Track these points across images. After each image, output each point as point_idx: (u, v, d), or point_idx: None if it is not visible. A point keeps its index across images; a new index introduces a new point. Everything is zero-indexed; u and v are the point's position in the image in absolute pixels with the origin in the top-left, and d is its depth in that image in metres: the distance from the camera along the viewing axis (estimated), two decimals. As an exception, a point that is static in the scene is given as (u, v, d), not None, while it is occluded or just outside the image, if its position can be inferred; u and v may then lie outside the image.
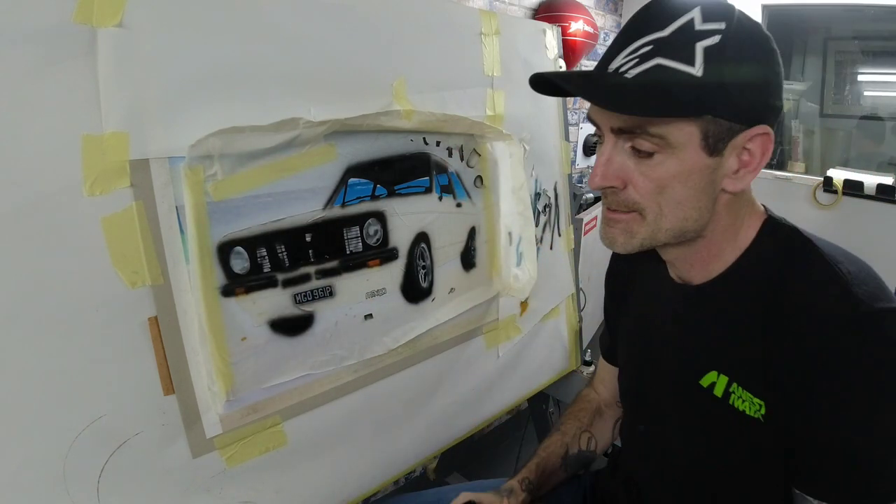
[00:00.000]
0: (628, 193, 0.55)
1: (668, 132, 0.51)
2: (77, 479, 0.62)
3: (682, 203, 0.55)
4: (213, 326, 0.71)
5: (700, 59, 0.50)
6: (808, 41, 2.73)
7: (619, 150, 0.55)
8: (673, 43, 0.50)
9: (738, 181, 0.55)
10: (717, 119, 0.51)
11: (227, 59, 0.70)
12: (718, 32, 0.50)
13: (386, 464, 0.96)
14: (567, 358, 1.36)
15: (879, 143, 2.62)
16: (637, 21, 0.54)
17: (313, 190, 0.81)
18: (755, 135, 0.53)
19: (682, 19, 0.51)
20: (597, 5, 2.28)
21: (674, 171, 0.53)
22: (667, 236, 0.57)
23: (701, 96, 0.50)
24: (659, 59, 0.51)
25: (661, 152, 0.53)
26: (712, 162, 0.53)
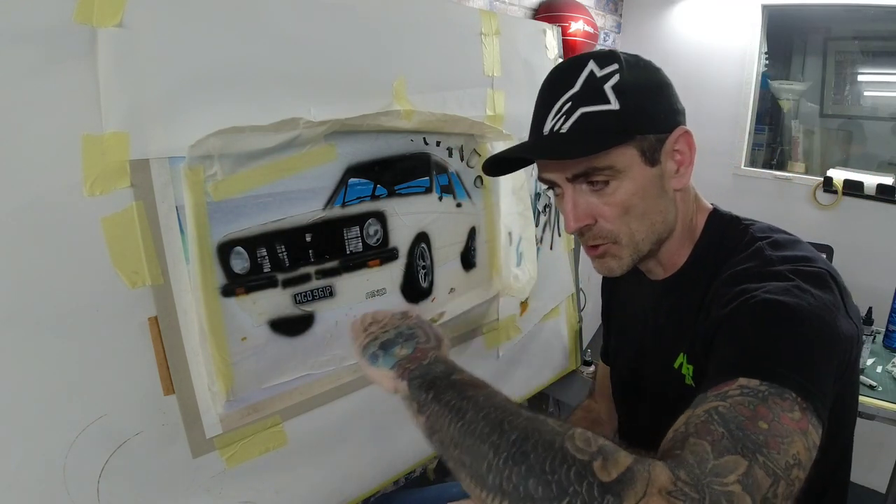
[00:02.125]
0: (600, 226, 0.63)
1: (614, 161, 0.59)
2: (77, 479, 0.62)
3: (646, 214, 0.63)
4: (213, 326, 0.71)
5: (612, 96, 0.59)
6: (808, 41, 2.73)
7: (579, 193, 0.62)
8: (586, 92, 0.60)
9: (682, 178, 0.64)
10: (645, 136, 0.60)
11: (228, 59, 0.70)
12: (616, 72, 0.60)
13: (386, 464, 0.96)
14: (567, 358, 1.36)
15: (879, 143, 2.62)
16: (549, 88, 0.63)
17: (313, 190, 0.81)
18: (678, 136, 0.62)
19: (584, 73, 0.60)
20: (597, 5, 2.28)
21: (631, 191, 0.61)
22: (648, 245, 0.65)
23: (626, 123, 0.59)
24: (582, 109, 0.60)
25: (614, 179, 0.60)
26: (656, 171, 0.62)
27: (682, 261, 0.69)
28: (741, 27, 2.12)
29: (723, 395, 0.46)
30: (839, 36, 2.69)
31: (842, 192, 1.95)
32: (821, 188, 2.01)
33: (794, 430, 0.43)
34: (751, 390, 0.46)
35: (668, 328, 0.70)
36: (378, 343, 0.60)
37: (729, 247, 0.64)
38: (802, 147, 2.59)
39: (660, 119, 0.62)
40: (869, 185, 1.93)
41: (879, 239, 1.83)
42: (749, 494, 0.39)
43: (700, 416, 0.45)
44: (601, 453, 0.40)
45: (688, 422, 0.46)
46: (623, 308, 0.84)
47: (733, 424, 0.43)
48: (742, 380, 0.47)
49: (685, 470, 0.39)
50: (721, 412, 0.44)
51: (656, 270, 0.71)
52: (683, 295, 0.67)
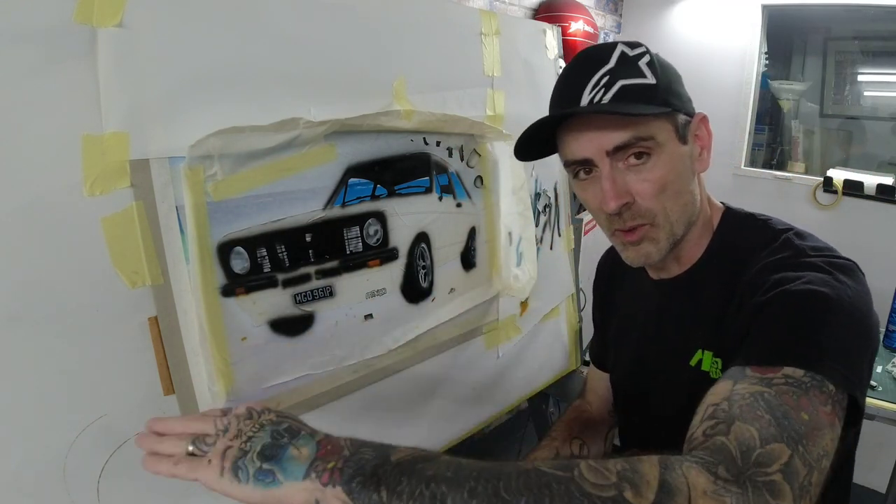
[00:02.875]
0: (638, 205, 0.62)
1: (656, 132, 0.60)
2: (77, 479, 0.62)
3: (680, 192, 0.63)
4: (213, 326, 0.71)
5: (648, 71, 0.60)
6: (808, 41, 2.73)
7: (615, 171, 0.61)
8: (622, 67, 0.60)
9: (704, 161, 0.65)
10: (677, 113, 0.61)
11: (228, 59, 0.70)
12: (646, 52, 0.61)
13: (386, 464, 0.96)
14: (567, 358, 1.36)
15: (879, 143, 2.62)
16: (581, 67, 0.62)
17: (313, 190, 0.81)
18: (699, 120, 0.64)
19: (616, 52, 0.61)
20: (597, 5, 2.28)
21: (669, 167, 0.61)
22: (681, 227, 0.64)
23: (663, 97, 0.60)
24: (621, 82, 0.59)
25: (654, 154, 0.60)
26: (686, 149, 0.63)
27: (696, 256, 0.69)
28: (741, 27, 2.12)
29: (768, 381, 0.47)
30: (839, 36, 2.69)
31: (842, 192, 1.95)
32: (821, 188, 2.01)
33: (827, 423, 0.45)
34: (795, 381, 0.47)
35: (681, 325, 0.69)
36: (257, 454, 0.43)
37: (752, 241, 0.65)
38: (802, 147, 2.60)
39: (684, 101, 0.63)
40: (869, 185, 1.93)
41: (879, 239, 1.83)
42: (788, 483, 0.40)
43: (746, 398, 0.46)
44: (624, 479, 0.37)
45: (731, 399, 0.46)
46: (620, 310, 0.84)
47: (779, 412, 0.44)
48: (788, 369, 0.48)
49: (724, 465, 0.39)
50: (767, 399, 0.45)
51: (670, 267, 0.71)
52: (700, 290, 0.67)
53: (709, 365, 0.65)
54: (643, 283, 0.76)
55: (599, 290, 0.90)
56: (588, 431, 0.91)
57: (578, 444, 0.89)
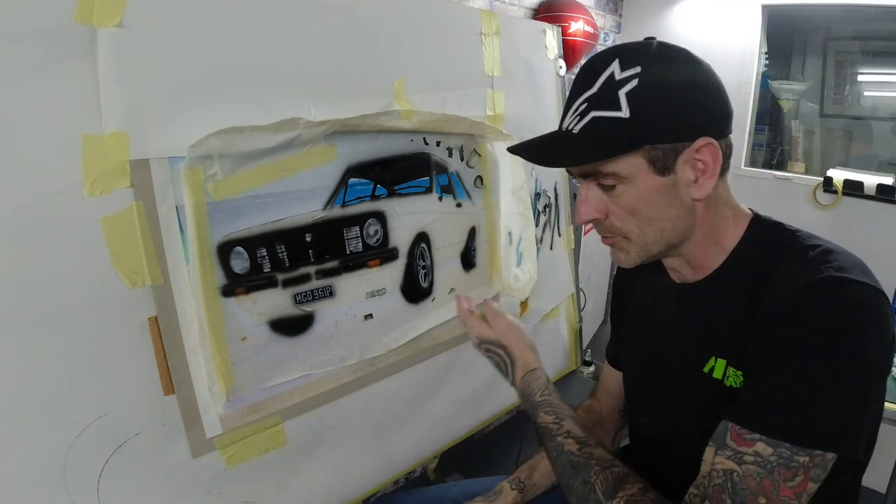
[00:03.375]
0: (610, 221, 0.64)
1: (618, 168, 0.60)
2: (77, 479, 0.62)
3: (653, 220, 0.63)
4: (213, 326, 0.71)
5: (625, 103, 0.58)
6: (808, 41, 2.73)
7: (592, 189, 0.63)
8: (601, 96, 0.60)
9: (701, 188, 0.62)
10: (655, 146, 0.59)
11: (228, 59, 0.70)
12: (635, 77, 0.58)
13: (386, 464, 0.96)
14: (567, 358, 1.36)
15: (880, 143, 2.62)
16: (576, 83, 0.63)
17: (313, 190, 0.81)
18: (700, 146, 0.60)
19: (604, 74, 0.60)
20: (597, 5, 2.27)
21: (635, 196, 0.61)
22: (657, 247, 0.65)
23: (633, 133, 0.58)
24: (594, 113, 0.60)
25: (620, 184, 0.61)
26: (667, 180, 0.61)
27: (714, 263, 0.67)
28: (741, 27, 2.12)
29: (739, 457, 0.55)
30: (839, 36, 2.69)
31: (842, 192, 1.95)
32: (821, 188, 2.01)
33: (790, 498, 0.52)
34: (763, 460, 0.53)
35: (697, 331, 0.69)
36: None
37: (776, 252, 0.63)
38: (802, 147, 2.59)
39: (677, 129, 0.60)
40: (869, 185, 1.93)
41: (879, 239, 1.83)
42: None
43: (719, 475, 0.55)
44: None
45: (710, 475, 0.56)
46: (636, 310, 0.83)
47: (738, 498, 0.53)
48: (759, 444, 0.54)
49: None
50: (734, 481, 0.54)
51: (684, 271, 0.71)
52: (719, 298, 0.67)
53: (721, 373, 0.65)
54: (665, 284, 0.75)
55: (617, 288, 0.91)
56: (597, 431, 0.91)
57: None
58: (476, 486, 0.86)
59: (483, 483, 0.87)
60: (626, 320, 0.86)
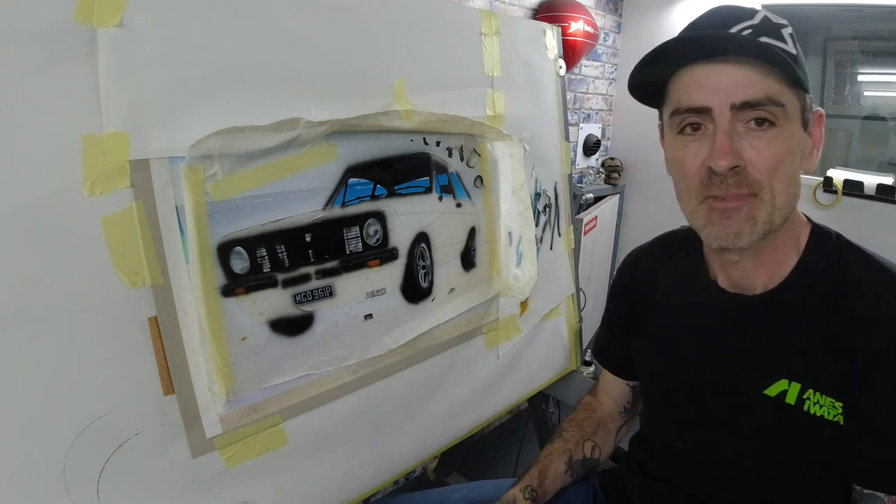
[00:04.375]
0: (748, 172, 0.55)
1: (787, 101, 0.55)
2: (77, 479, 0.62)
3: (793, 178, 0.57)
4: (213, 326, 0.71)
5: (790, 41, 0.55)
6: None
7: (734, 130, 0.55)
8: (767, 27, 0.55)
9: (812, 160, 0.59)
10: (805, 95, 0.56)
11: (228, 59, 0.70)
12: (788, 24, 0.56)
13: (386, 464, 0.96)
14: (567, 358, 1.36)
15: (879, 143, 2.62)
16: (721, 14, 0.57)
17: (313, 190, 0.81)
18: (818, 116, 0.58)
19: (760, 13, 0.56)
20: (597, 5, 2.27)
21: (789, 144, 0.55)
22: (780, 216, 0.57)
23: (801, 71, 0.55)
24: (764, 38, 0.55)
25: (778, 125, 0.55)
26: (804, 138, 0.57)
27: (782, 275, 0.62)
28: (741, 27, 2.12)
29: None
30: (839, 36, 2.69)
31: (842, 192, 1.95)
32: (821, 188, 2.01)
33: None
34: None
35: (760, 350, 0.63)
36: None
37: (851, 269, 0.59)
38: (802, 147, 2.59)
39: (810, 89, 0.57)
40: (869, 185, 1.93)
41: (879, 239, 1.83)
42: None
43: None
44: None
45: None
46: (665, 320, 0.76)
47: None
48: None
49: None
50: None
51: (748, 276, 0.64)
52: (787, 314, 0.61)
53: (795, 398, 0.60)
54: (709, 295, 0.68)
55: (625, 296, 0.84)
56: (600, 432, 0.90)
57: (591, 446, 0.88)
58: (477, 491, 0.85)
59: (484, 486, 0.87)
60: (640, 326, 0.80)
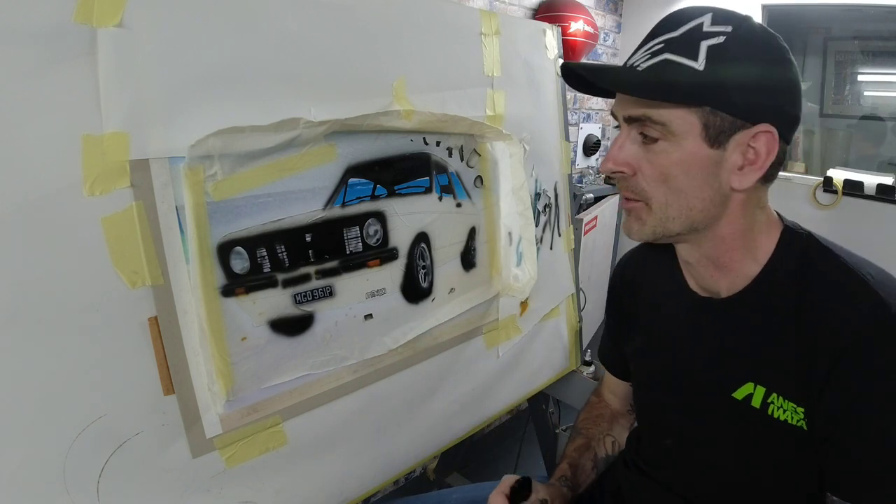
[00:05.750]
0: (637, 180, 0.59)
1: (670, 120, 0.55)
2: (77, 479, 0.62)
3: (684, 192, 0.58)
4: (213, 326, 0.71)
5: (703, 56, 0.54)
6: (808, 41, 2.73)
7: (630, 139, 0.59)
8: (681, 41, 0.55)
9: (744, 178, 0.57)
10: (716, 112, 0.55)
11: (228, 59, 0.70)
12: (724, 34, 0.54)
13: (386, 464, 0.96)
14: (567, 358, 1.36)
15: (879, 143, 2.62)
16: (657, 26, 0.59)
17: (313, 190, 0.81)
18: (759, 132, 0.56)
19: (693, 22, 0.56)
20: (597, 5, 2.27)
21: (675, 159, 0.56)
22: (676, 226, 0.60)
23: (700, 88, 0.54)
24: (666, 55, 0.55)
25: (664, 140, 0.56)
26: (714, 154, 0.56)
27: (747, 279, 0.62)
28: (741, 27, 2.12)
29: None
30: (839, 36, 2.69)
31: (842, 192, 1.95)
32: (821, 188, 2.01)
33: None
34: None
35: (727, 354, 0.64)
36: None
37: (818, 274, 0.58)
38: (802, 147, 2.60)
39: (744, 105, 0.55)
40: (869, 185, 1.93)
41: (879, 239, 1.83)
42: None
43: None
44: None
45: None
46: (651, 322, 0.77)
47: None
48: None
49: None
50: None
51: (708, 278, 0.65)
52: (753, 318, 0.61)
53: (760, 401, 0.60)
54: (683, 297, 0.69)
55: (616, 299, 0.85)
56: (617, 427, 0.92)
57: (611, 442, 0.89)
58: (475, 492, 0.85)
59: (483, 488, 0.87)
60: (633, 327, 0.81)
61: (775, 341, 0.59)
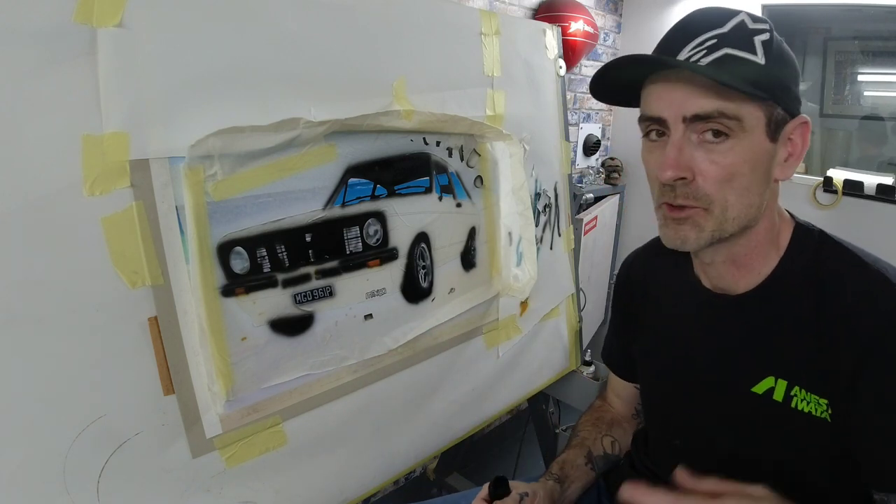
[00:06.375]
0: (697, 185, 0.57)
1: (744, 114, 0.54)
2: (77, 479, 0.62)
3: (748, 190, 0.57)
4: (213, 326, 0.71)
5: (760, 50, 0.55)
6: (808, 41, 2.73)
7: (687, 141, 0.56)
8: (734, 36, 0.55)
9: (787, 169, 0.59)
10: (776, 105, 0.56)
11: (228, 59, 0.70)
12: (767, 30, 0.56)
13: (386, 464, 0.96)
14: (567, 358, 1.36)
15: (879, 143, 2.62)
16: (693, 22, 0.57)
17: (313, 190, 0.81)
18: (799, 123, 0.58)
19: (735, 19, 0.56)
20: (597, 5, 2.27)
21: (744, 157, 0.55)
22: (734, 226, 0.59)
23: (767, 81, 0.54)
24: (726, 49, 0.55)
25: (733, 137, 0.55)
26: (772, 148, 0.57)
27: (763, 274, 0.62)
28: (741, 27, 2.12)
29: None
30: (839, 36, 2.69)
31: (842, 192, 1.95)
32: (821, 188, 2.01)
33: None
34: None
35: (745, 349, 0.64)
36: None
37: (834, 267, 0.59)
38: (802, 147, 2.59)
39: (791, 97, 0.57)
40: (869, 185, 1.93)
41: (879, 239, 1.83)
42: None
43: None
44: None
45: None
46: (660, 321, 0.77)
47: None
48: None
49: None
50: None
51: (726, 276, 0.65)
52: (772, 312, 0.62)
53: (783, 395, 0.60)
54: (695, 295, 0.69)
55: (622, 299, 0.85)
56: (616, 429, 0.90)
57: (610, 441, 0.88)
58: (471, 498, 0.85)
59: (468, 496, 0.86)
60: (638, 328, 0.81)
61: (795, 335, 0.59)
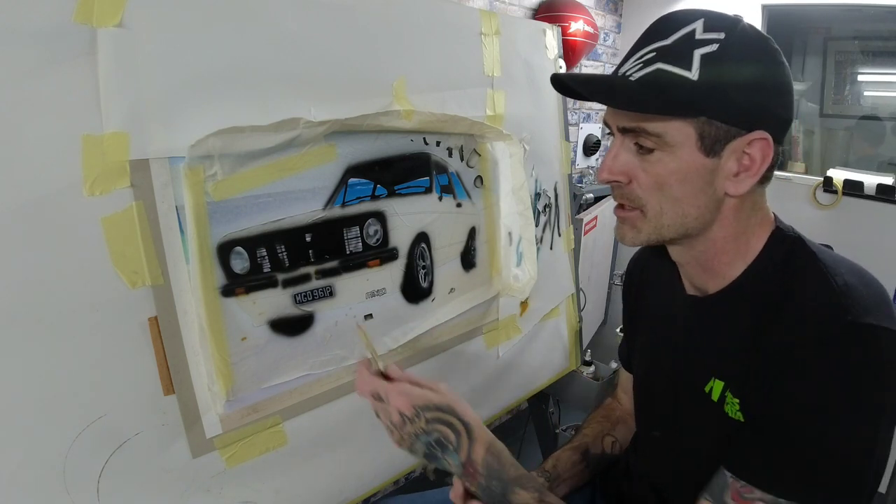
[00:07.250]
0: (632, 188, 0.59)
1: (665, 131, 0.55)
2: (77, 479, 0.62)
3: (680, 200, 0.58)
4: (213, 326, 0.71)
5: (697, 65, 0.53)
6: (808, 41, 2.73)
7: (625, 148, 0.59)
8: (673, 50, 0.55)
9: (739, 184, 0.58)
10: (712, 121, 0.55)
11: (228, 59, 0.70)
12: (717, 41, 0.54)
13: (386, 464, 0.96)
14: (567, 358, 1.36)
15: (879, 143, 2.62)
16: (647, 32, 0.58)
17: (313, 190, 0.81)
18: (754, 139, 0.56)
19: (685, 29, 0.55)
20: (597, 5, 2.27)
21: (671, 169, 0.57)
22: (671, 232, 0.60)
23: (695, 98, 0.54)
24: (659, 64, 0.55)
25: (659, 150, 0.56)
26: (709, 163, 0.56)
27: (730, 274, 0.63)
28: (741, 27, 2.12)
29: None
30: (839, 36, 2.69)
31: (842, 192, 1.95)
32: (821, 188, 2.00)
33: None
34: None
35: (702, 349, 0.66)
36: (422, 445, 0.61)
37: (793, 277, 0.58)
38: (802, 147, 2.60)
39: (739, 112, 0.55)
40: (869, 185, 1.93)
41: (879, 239, 1.83)
42: None
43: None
44: None
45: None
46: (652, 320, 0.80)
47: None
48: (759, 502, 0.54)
49: None
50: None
51: (697, 278, 0.66)
52: (727, 316, 0.63)
53: (718, 396, 0.62)
54: (675, 295, 0.71)
55: (629, 294, 0.87)
56: (619, 428, 0.91)
57: (611, 441, 0.89)
58: None
59: None
60: (638, 326, 0.84)
61: (742, 339, 0.60)
